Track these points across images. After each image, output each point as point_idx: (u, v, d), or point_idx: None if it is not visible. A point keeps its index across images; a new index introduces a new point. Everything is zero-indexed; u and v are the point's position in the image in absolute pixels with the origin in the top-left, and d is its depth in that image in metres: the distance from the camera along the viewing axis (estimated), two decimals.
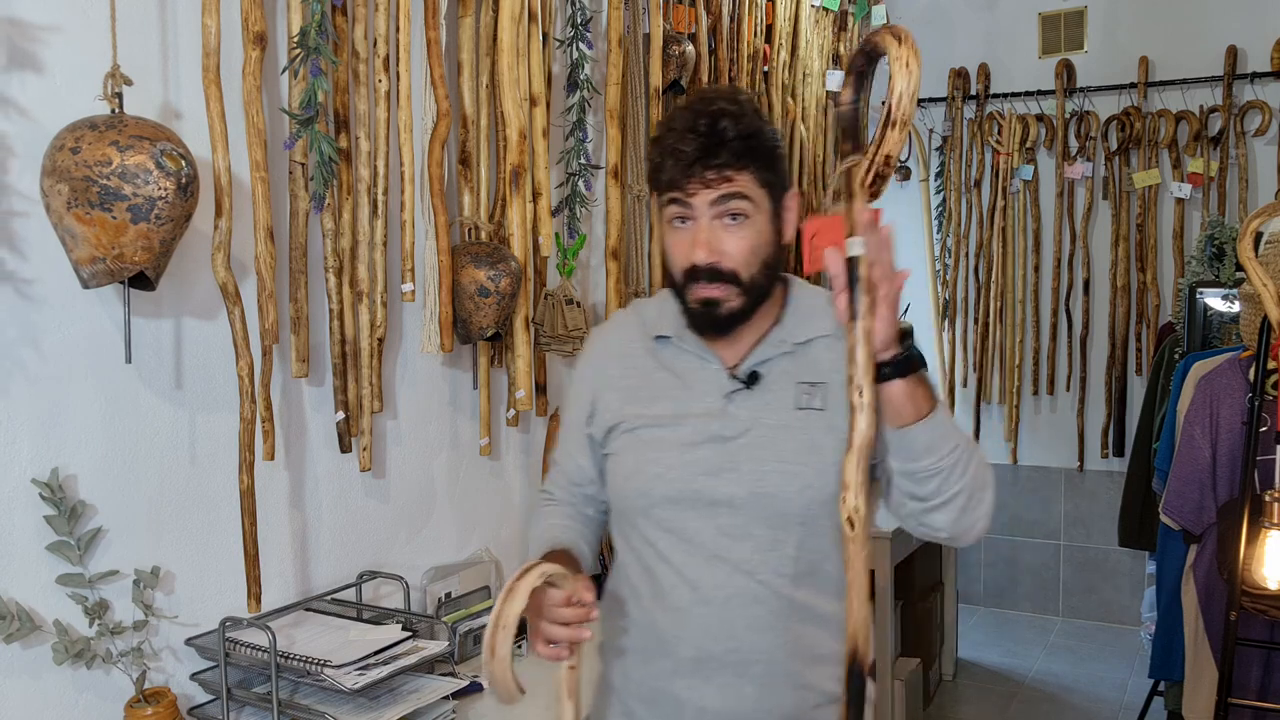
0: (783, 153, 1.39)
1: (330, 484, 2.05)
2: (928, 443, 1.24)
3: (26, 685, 1.55)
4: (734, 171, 1.31)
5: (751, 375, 1.39)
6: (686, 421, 1.39)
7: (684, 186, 1.31)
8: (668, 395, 1.42)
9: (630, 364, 1.47)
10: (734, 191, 1.31)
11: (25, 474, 1.54)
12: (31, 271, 1.53)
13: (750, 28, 3.34)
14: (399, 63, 1.99)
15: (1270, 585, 2.19)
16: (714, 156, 1.30)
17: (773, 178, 1.35)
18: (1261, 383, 2.27)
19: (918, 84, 1.11)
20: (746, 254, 1.34)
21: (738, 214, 1.32)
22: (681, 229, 1.35)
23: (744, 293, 1.34)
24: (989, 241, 4.65)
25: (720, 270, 1.33)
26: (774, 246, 1.37)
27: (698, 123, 1.31)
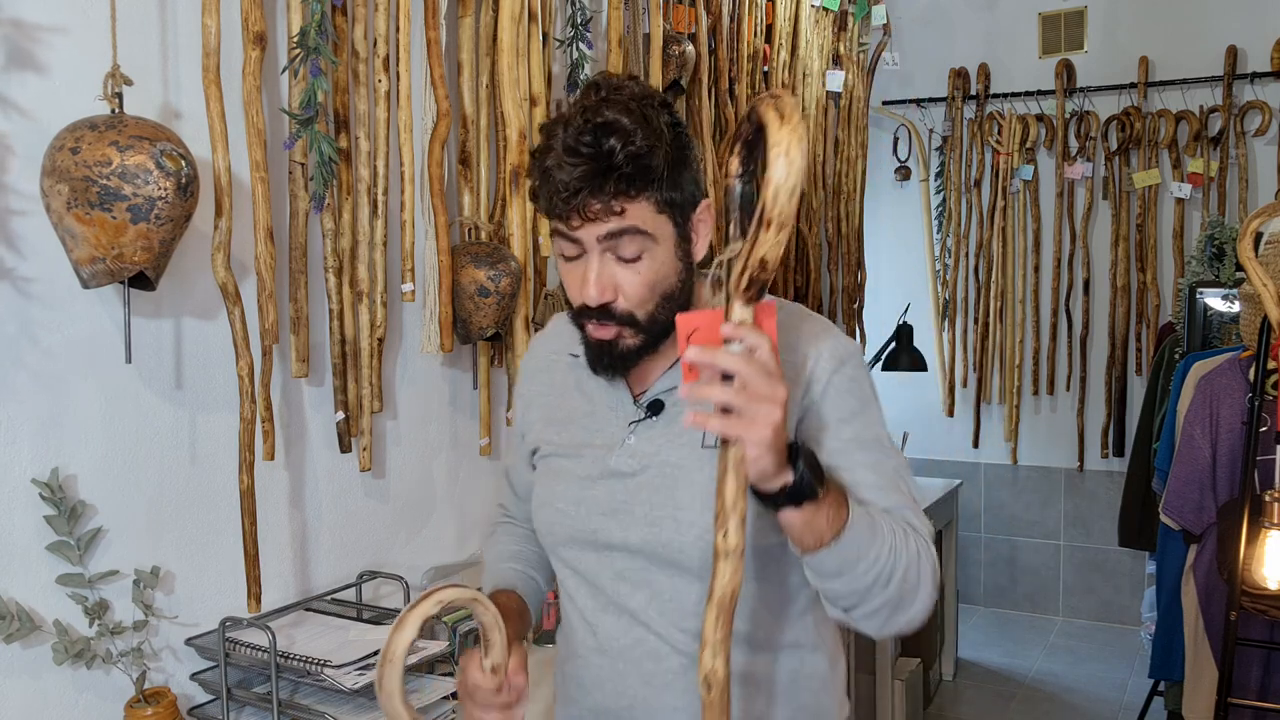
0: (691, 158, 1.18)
1: (330, 484, 2.05)
2: (837, 566, 1.07)
3: (26, 685, 1.55)
4: (625, 201, 1.11)
5: (654, 404, 1.24)
6: (586, 452, 1.27)
7: (567, 219, 1.13)
8: (576, 421, 1.30)
9: (551, 381, 1.36)
10: (625, 227, 1.12)
11: (25, 474, 1.54)
12: (31, 271, 1.53)
13: (750, 28, 3.34)
14: (399, 63, 1.99)
15: (1270, 585, 2.19)
16: (599, 186, 1.10)
17: (675, 196, 1.15)
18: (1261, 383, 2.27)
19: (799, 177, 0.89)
20: (643, 293, 1.16)
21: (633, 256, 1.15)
22: (572, 261, 1.18)
23: (642, 331, 1.19)
24: (989, 241, 4.65)
25: (613, 312, 1.17)
26: (679, 274, 1.19)
27: (580, 142, 1.10)
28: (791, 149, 0.89)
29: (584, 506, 1.26)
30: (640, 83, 1.18)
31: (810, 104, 3.78)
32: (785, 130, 0.89)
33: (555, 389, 1.35)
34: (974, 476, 4.81)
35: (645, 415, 1.25)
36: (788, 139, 0.89)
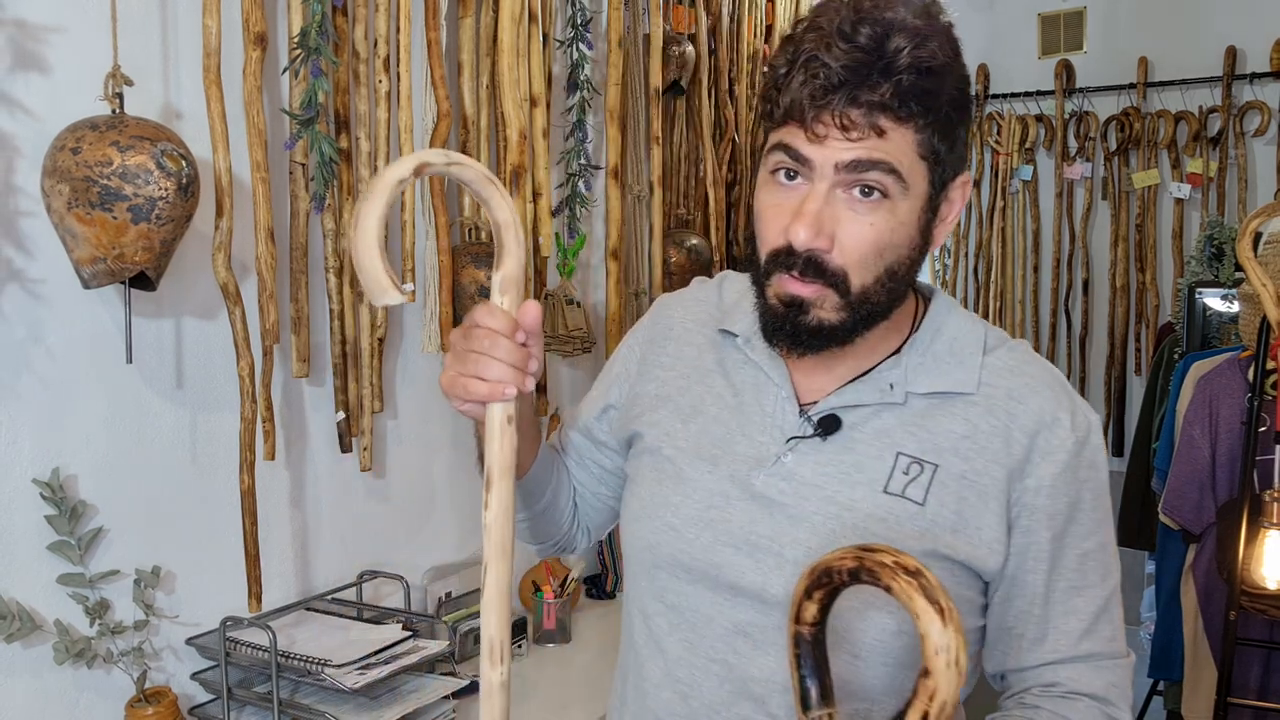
0: (970, 114, 0.93)
1: (330, 484, 2.05)
2: None
3: (27, 685, 1.55)
4: (891, 120, 0.86)
5: (829, 420, 0.97)
6: (723, 463, 1.00)
7: (809, 123, 0.88)
8: (712, 415, 1.03)
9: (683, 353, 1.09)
10: (878, 158, 0.87)
11: (26, 474, 1.54)
12: (39, 271, 1.53)
13: (750, 28, 3.35)
14: (399, 63, 1.99)
15: (1270, 585, 2.19)
16: (869, 88, 0.85)
17: (944, 149, 0.90)
18: (1261, 383, 2.27)
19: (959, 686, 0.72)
20: (868, 251, 0.90)
21: (873, 188, 0.89)
22: (785, 187, 0.92)
23: (847, 306, 0.92)
24: (988, 242, 4.65)
25: (823, 265, 0.90)
26: (912, 250, 0.93)
27: (858, 29, 0.85)
28: (959, 655, 0.70)
29: (710, 531, 0.99)
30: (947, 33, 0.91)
31: None
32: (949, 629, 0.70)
33: (688, 366, 1.08)
34: None
35: (814, 432, 0.98)
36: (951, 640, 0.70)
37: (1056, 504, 0.95)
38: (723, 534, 0.98)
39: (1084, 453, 0.97)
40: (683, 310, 1.14)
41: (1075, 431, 0.96)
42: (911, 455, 0.95)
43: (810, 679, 0.80)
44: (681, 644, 1.00)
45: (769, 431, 1.00)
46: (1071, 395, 0.99)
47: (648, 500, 1.04)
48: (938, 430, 0.96)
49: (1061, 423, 0.96)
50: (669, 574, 1.01)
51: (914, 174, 0.90)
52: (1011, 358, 1.01)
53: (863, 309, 0.93)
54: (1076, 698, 0.96)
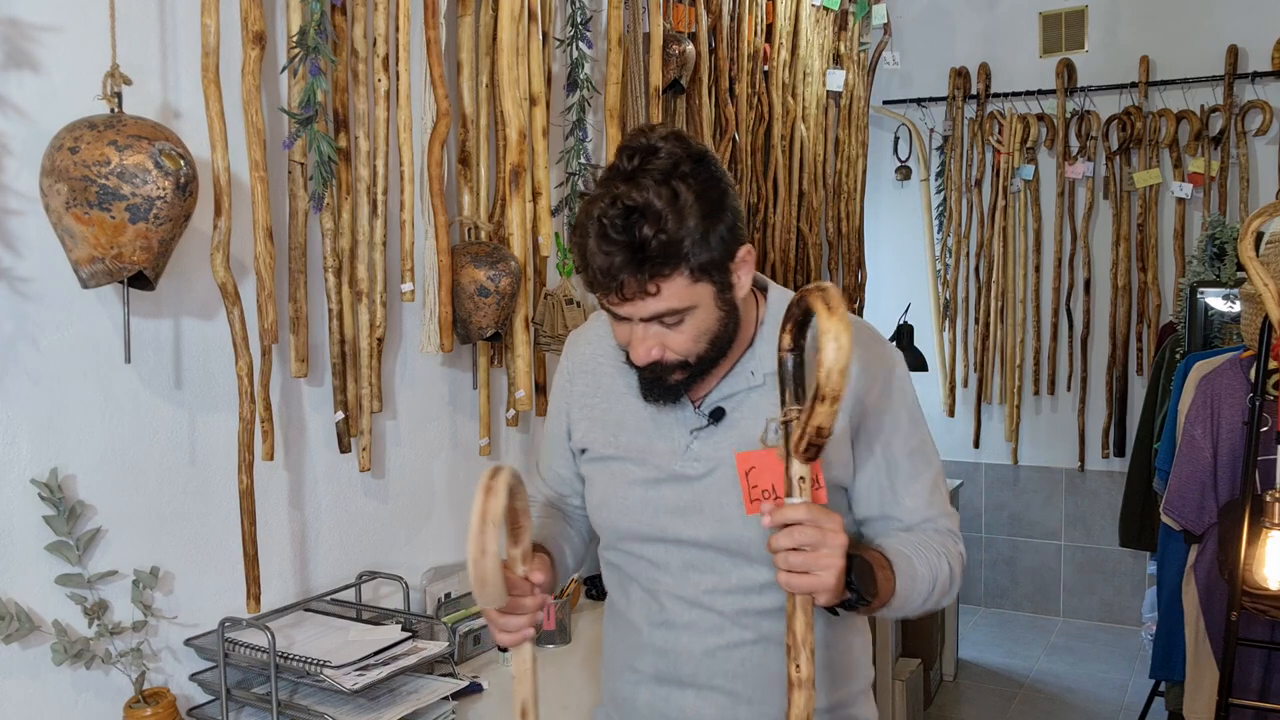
0: (726, 209, 1.21)
1: (330, 484, 2.04)
2: (890, 614, 1.29)
3: (26, 685, 1.54)
4: (660, 282, 1.17)
5: (716, 412, 1.32)
6: (650, 458, 1.35)
7: (609, 298, 1.21)
8: (634, 426, 1.37)
9: (599, 383, 1.42)
10: (662, 309, 1.20)
11: (25, 474, 1.53)
12: (28, 270, 1.53)
13: (750, 27, 3.34)
14: (398, 62, 1.99)
15: (1271, 585, 2.19)
16: (634, 271, 1.16)
17: (710, 259, 1.19)
18: (1262, 383, 2.27)
19: (847, 357, 1.01)
20: (689, 346, 1.24)
21: (676, 323, 1.22)
22: (618, 321, 1.26)
23: (690, 369, 1.27)
24: (989, 241, 4.65)
25: (664, 363, 1.25)
26: (723, 319, 1.25)
27: (614, 226, 1.16)
28: (840, 335, 1.01)
29: (651, 506, 1.34)
30: (674, 144, 1.19)
31: (810, 104, 3.78)
32: (834, 320, 1.02)
33: (604, 392, 1.41)
34: (975, 477, 4.81)
35: (707, 423, 1.32)
36: (836, 327, 1.01)
37: (880, 420, 1.32)
38: (660, 507, 1.34)
39: (891, 377, 1.33)
40: (589, 347, 1.46)
41: (882, 366, 1.33)
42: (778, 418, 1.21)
43: (787, 388, 1.13)
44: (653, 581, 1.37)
45: (678, 427, 1.34)
46: (879, 343, 1.36)
47: (605, 493, 1.39)
48: None
49: (872, 363, 1.32)
50: (630, 541, 1.38)
51: (695, 294, 1.21)
52: None
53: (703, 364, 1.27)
54: (923, 528, 1.34)
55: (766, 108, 3.50)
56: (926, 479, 1.35)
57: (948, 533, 1.35)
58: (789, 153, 3.64)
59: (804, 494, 1.13)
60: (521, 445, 2.55)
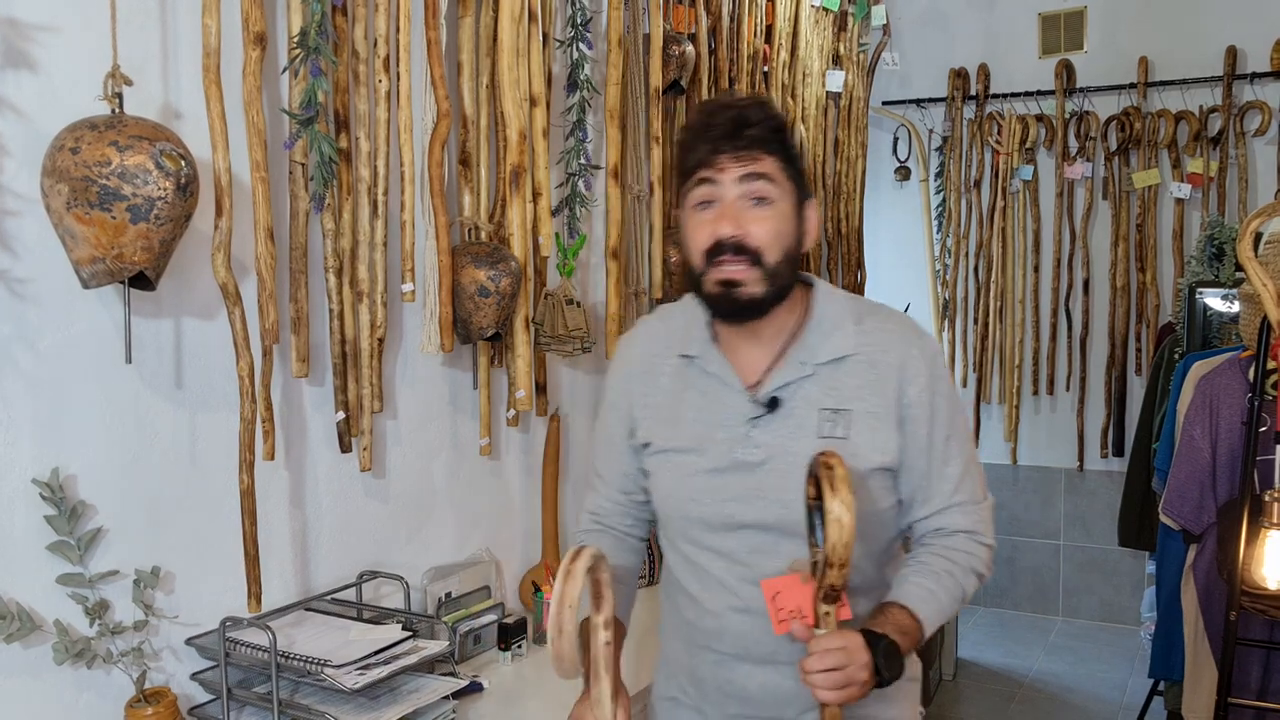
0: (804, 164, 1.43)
1: (330, 484, 2.05)
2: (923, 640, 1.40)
3: (27, 685, 1.55)
4: (761, 152, 1.34)
5: (772, 401, 1.41)
6: (711, 447, 1.42)
7: (713, 162, 1.34)
8: (693, 417, 1.45)
9: (656, 383, 1.50)
10: (761, 171, 1.34)
11: (25, 474, 1.54)
12: (28, 271, 1.53)
13: (750, 28, 3.34)
14: (399, 63, 1.99)
15: (1270, 585, 2.19)
16: (742, 137, 1.33)
17: (796, 175, 1.38)
18: (1261, 383, 2.27)
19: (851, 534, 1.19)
20: (771, 236, 1.34)
21: (763, 197, 1.34)
22: (705, 212, 1.36)
23: (766, 278, 1.35)
24: (989, 241, 4.65)
25: (745, 246, 1.33)
26: (796, 240, 1.38)
27: (727, 110, 1.35)
28: (842, 516, 1.18)
29: (716, 494, 1.42)
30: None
31: (810, 104, 3.78)
32: (835, 501, 1.18)
33: (663, 391, 1.49)
34: None
35: (764, 411, 1.40)
36: (838, 509, 1.18)
37: (923, 411, 1.41)
38: (725, 494, 1.42)
39: (933, 369, 1.43)
40: (642, 348, 1.55)
41: (924, 358, 1.43)
42: (831, 408, 1.39)
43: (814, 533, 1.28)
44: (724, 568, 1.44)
45: (735, 417, 1.42)
46: (916, 334, 1.46)
47: (671, 485, 1.47)
48: (842, 385, 1.40)
49: (915, 357, 1.42)
50: (697, 529, 1.45)
51: (783, 185, 1.37)
52: (875, 322, 1.45)
53: (775, 282, 1.36)
54: (956, 534, 1.45)
55: None
56: (959, 465, 1.45)
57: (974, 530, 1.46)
58: None
59: (830, 626, 1.28)
60: (521, 445, 2.55)
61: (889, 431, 1.40)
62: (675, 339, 1.49)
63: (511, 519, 2.53)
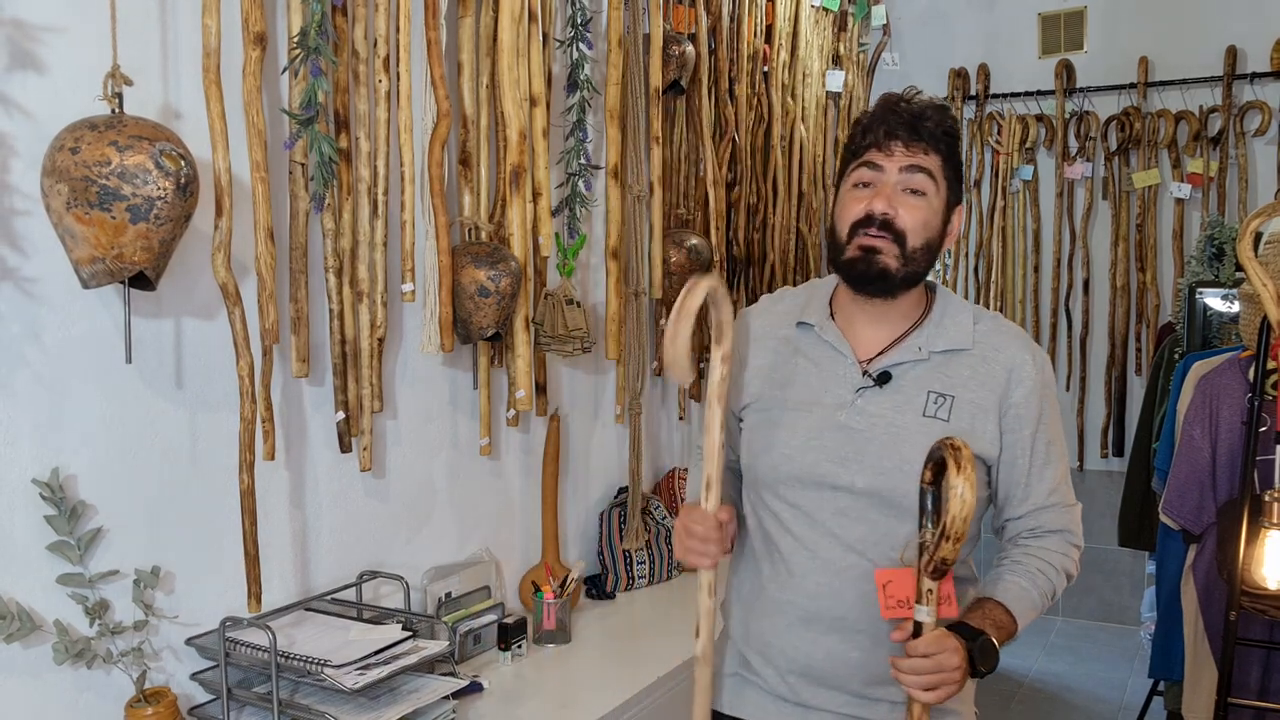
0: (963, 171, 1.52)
1: (330, 484, 2.05)
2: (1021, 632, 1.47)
3: (27, 685, 1.55)
4: (930, 147, 1.43)
5: (883, 375, 1.46)
6: (816, 409, 1.48)
7: (884, 147, 1.43)
8: (802, 381, 1.51)
9: (768, 347, 1.56)
10: (924, 166, 1.43)
11: (26, 474, 1.54)
12: (33, 270, 1.53)
13: (750, 28, 3.34)
14: (399, 63, 1.99)
15: (1270, 585, 2.19)
16: (916, 131, 1.43)
17: (954, 179, 1.47)
18: (1261, 383, 2.27)
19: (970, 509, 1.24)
20: (918, 223, 1.42)
21: (919, 190, 1.43)
22: (861, 191, 1.45)
23: (902, 258, 1.43)
24: (989, 241, 4.65)
25: (892, 224, 1.42)
26: (939, 236, 1.46)
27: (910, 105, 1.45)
28: (965, 492, 1.24)
29: (813, 453, 1.47)
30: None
31: (810, 104, 3.78)
32: (960, 478, 1.24)
33: (775, 354, 1.55)
34: None
35: (874, 383, 1.47)
36: (962, 484, 1.24)
37: (1030, 412, 1.48)
38: (822, 454, 1.47)
39: (1043, 377, 1.50)
40: (757, 320, 1.61)
41: (1035, 365, 1.49)
42: (938, 391, 1.46)
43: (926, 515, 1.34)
44: (806, 526, 1.48)
45: (844, 385, 1.48)
46: (1030, 343, 1.52)
47: (769, 439, 1.51)
48: (953, 374, 1.47)
49: (1026, 361, 1.49)
50: (788, 485, 1.49)
51: (940, 184, 1.45)
52: (992, 324, 1.53)
53: (910, 265, 1.44)
54: (1049, 534, 1.51)
55: (766, 108, 3.50)
56: (1057, 469, 1.51)
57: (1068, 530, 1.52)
58: (789, 153, 3.64)
59: (930, 604, 1.32)
60: (521, 445, 2.55)
61: (989, 424, 1.46)
62: (793, 310, 1.56)
63: (511, 519, 2.53)
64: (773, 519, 1.52)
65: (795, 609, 1.49)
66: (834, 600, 1.46)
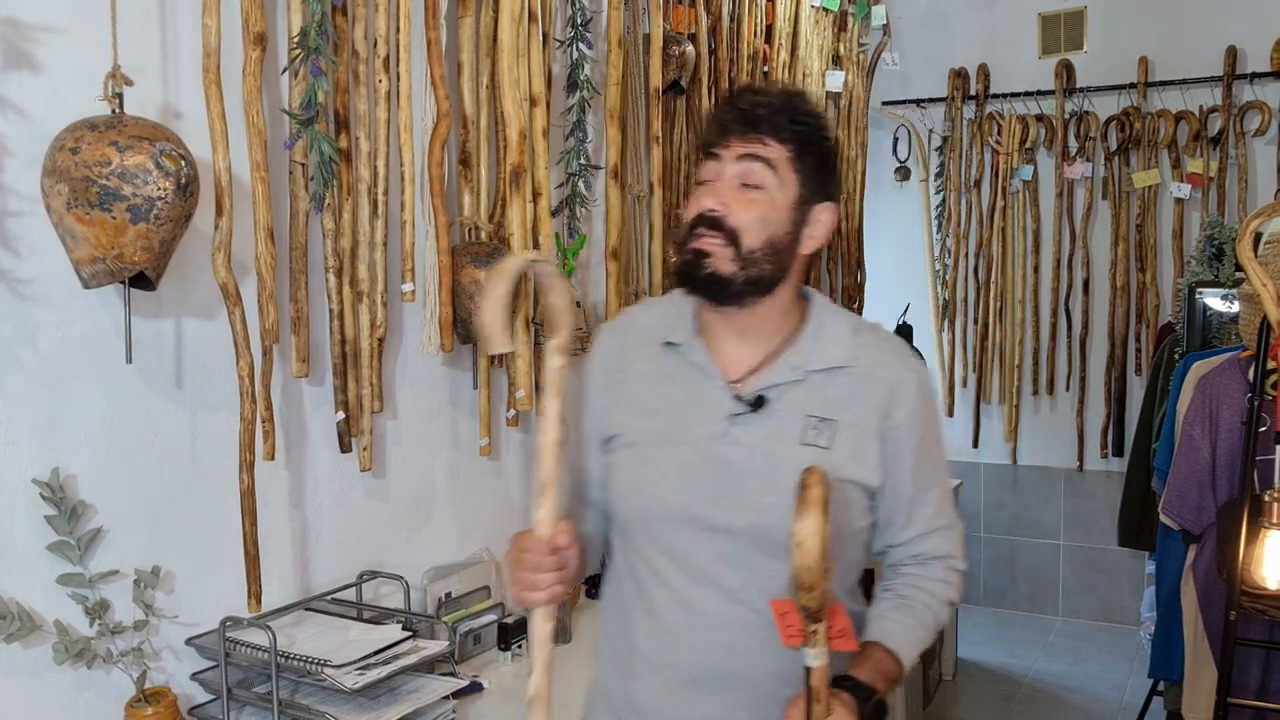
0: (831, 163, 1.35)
1: (330, 484, 2.05)
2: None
3: (27, 685, 1.55)
4: (770, 139, 1.29)
5: (758, 400, 1.32)
6: (686, 441, 1.33)
7: (720, 141, 1.31)
8: (670, 409, 1.35)
9: (634, 369, 1.41)
10: (761, 154, 1.29)
11: (26, 474, 1.54)
12: (30, 271, 1.53)
13: (750, 28, 3.34)
14: (399, 63, 1.99)
15: (1270, 585, 2.19)
16: (752, 121, 1.29)
17: (809, 171, 1.31)
18: (1261, 383, 2.27)
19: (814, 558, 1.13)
20: (753, 220, 1.28)
21: (756, 184, 1.29)
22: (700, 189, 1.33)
23: (738, 259, 1.29)
24: (989, 241, 4.65)
25: (722, 223, 1.28)
26: (786, 237, 1.31)
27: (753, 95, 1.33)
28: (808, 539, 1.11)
29: (686, 493, 1.32)
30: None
31: None
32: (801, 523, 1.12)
33: (641, 378, 1.40)
34: (974, 476, 4.81)
35: (748, 409, 1.32)
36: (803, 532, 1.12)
37: (912, 434, 1.36)
38: (696, 492, 1.31)
39: (924, 396, 1.39)
40: (622, 335, 1.47)
41: (918, 382, 1.38)
42: (818, 416, 1.32)
43: None
44: (679, 574, 1.33)
45: (715, 412, 1.33)
46: (912, 358, 1.42)
47: (637, 479, 1.36)
48: (832, 396, 1.33)
49: (909, 379, 1.37)
50: (660, 528, 1.34)
51: (786, 175, 1.30)
52: (873, 338, 1.40)
53: (751, 269, 1.29)
54: (933, 561, 1.42)
55: None
56: (939, 491, 1.42)
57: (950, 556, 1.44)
58: None
59: (817, 644, 1.19)
60: (521, 445, 2.55)
61: (872, 449, 1.34)
62: (659, 327, 1.40)
63: (511, 519, 2.53)
64: (645, 566, 1.36)
65: (673, 671, 1.33)
66: (716, 658, 1.31)
